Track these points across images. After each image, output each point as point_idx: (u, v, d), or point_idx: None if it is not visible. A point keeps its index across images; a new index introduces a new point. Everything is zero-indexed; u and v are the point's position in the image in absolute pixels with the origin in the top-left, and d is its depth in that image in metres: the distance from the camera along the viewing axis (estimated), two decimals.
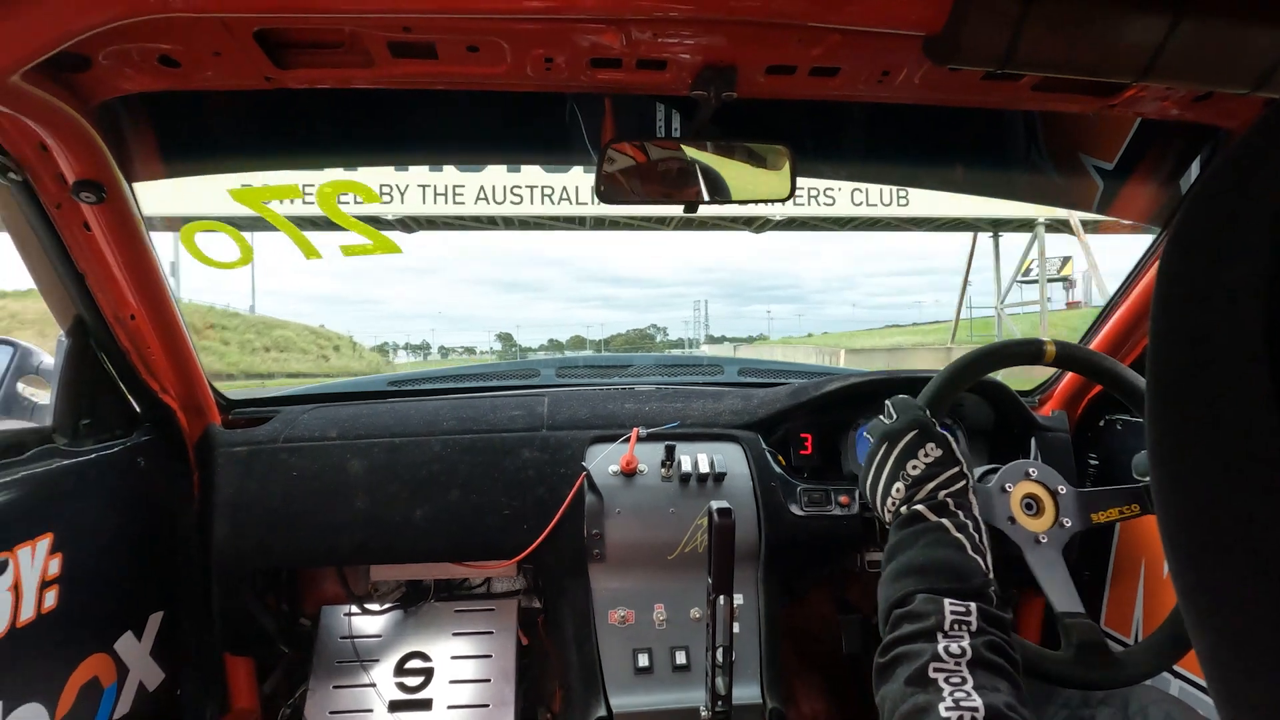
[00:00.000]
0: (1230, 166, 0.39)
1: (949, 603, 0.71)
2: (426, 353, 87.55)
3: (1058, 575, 1.02)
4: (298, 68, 1.00)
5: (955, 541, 0.77)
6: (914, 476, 0.83)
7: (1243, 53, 0.85)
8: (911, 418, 0.89)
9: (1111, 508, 1.07)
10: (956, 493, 0.82)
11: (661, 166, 1.23)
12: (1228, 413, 0.37)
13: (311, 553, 1.46)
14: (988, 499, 1.05)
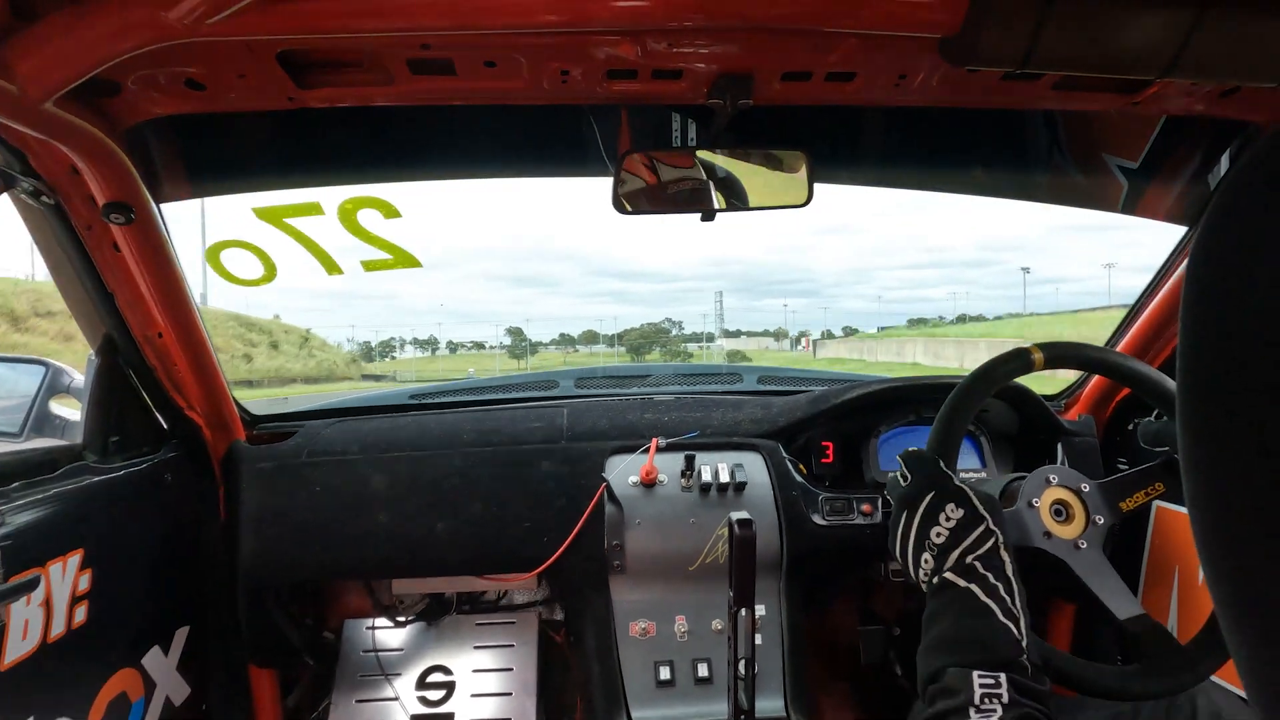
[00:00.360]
0: (1262, 162, 0.38)
1: (977, 675, 0.69)
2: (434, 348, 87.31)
3: (1109, 579, 1.00)
4: (319, 87, 1.02)
5: (984, 608, 0.75)
6: (939, 545, 0.82)
7: (1270, 45, 0.84)
8: (925, 477, 0.87)
9: (1137, 492, 1.05)
10: (985, 553, 0.80)
11: (679, 175, 1.24)
12: (1264, 412, 0.36)
13: (336, 566, 1.47)
14: (1019, 520, 1.02)
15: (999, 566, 0.79)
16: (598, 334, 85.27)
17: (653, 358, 71.65)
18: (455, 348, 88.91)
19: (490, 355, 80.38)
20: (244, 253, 1.24)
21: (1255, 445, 0.36)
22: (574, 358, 79.37)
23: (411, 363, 78.67)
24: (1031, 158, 1.51)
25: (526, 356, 76.79)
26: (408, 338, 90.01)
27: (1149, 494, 1.05)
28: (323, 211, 1.19)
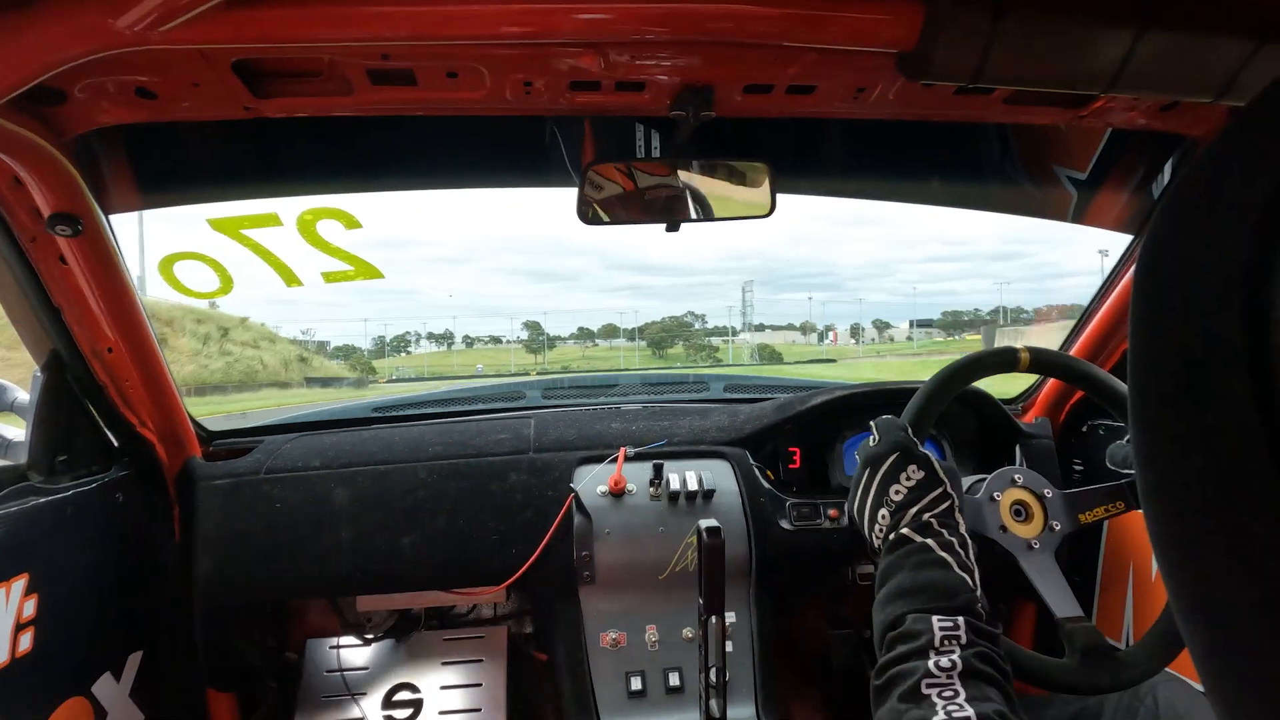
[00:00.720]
0: (1199, 175, 0.40)
1: (937, 619, 0.72)
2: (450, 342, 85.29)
3: (1053, 580, 1.03)
4: (276, 97, 1.00)
5: (940, 560, 0.78)
6: (897, 502, 0.85)
7: (1205, 63, 0.88)
8: (893, 440, 0.90)
9: (1097, 507, 1.08)
10: (941, 513, 0.83)
11: (642, 186, 1.24)
12: (1211, 414, 0.37)
13: (297, 585, 1.44)
14: (978, 510, 1.05)
15: (953, 525, 0.82)
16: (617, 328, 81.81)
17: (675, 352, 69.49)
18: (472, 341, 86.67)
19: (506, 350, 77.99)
20: (199, 265, 1.21)
21: (1202, 443, 0.38)
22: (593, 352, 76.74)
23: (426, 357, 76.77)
24: (986, 169, 1.56)
25: (544, 350, 74.61)
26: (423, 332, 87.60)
27: (1109, 510, 1.09)
28: (281, 223, 1.17)
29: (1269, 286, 0.35)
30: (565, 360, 72.17)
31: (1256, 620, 0.36)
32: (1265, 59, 0.86)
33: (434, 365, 70.18)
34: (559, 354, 76.93)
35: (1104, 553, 1.62)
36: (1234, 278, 0.36)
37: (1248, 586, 0.36)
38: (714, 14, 0.84)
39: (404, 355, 78.88)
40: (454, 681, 1.71)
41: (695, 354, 70.52)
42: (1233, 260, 0.36)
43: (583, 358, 73.71)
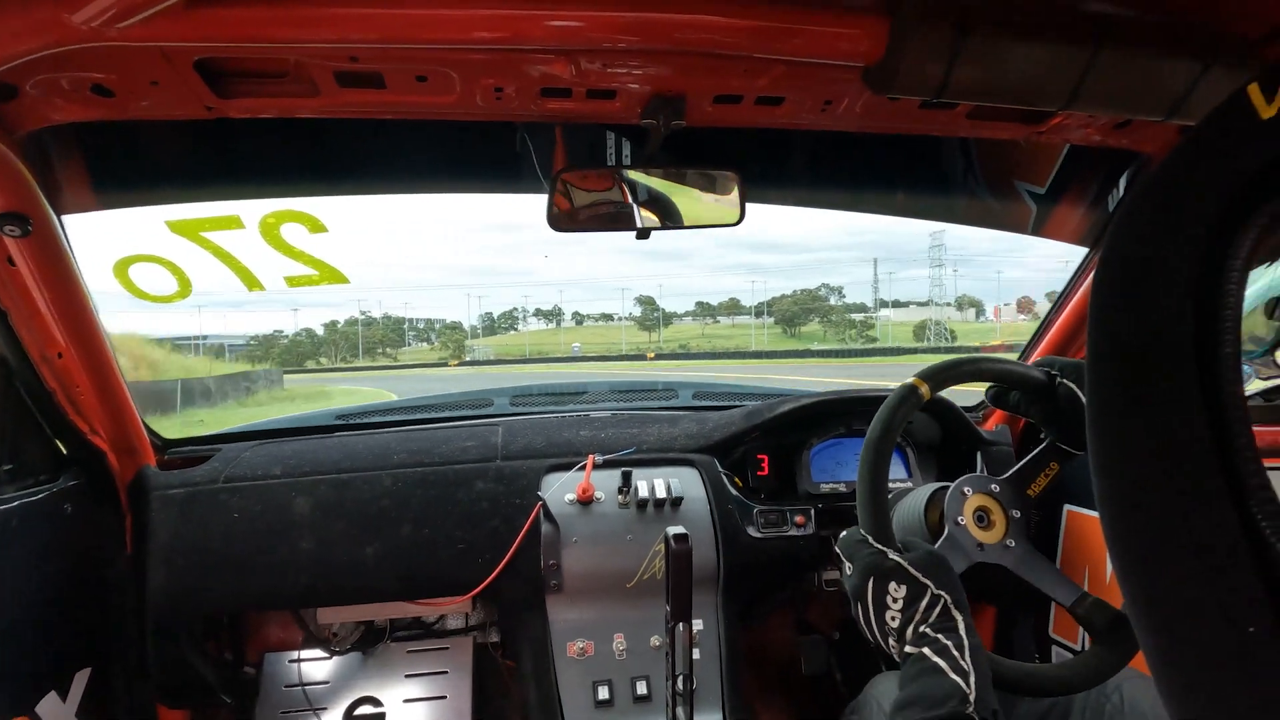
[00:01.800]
0: (1152, 191, 0.41)
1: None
2: (558, 319, 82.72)
3: (1044, 569, 1.05)
4: (240, 97, 0.98)
5: (934, 667, 0.79)
6: (895, 627, 0.85)
7: (1156, 83, 0.91)
8: (863, 565, 0.90)
9: (1038, 476, 1.10)
10: (935, 617, 0.83)
11: (613, 194, 1.24)
12: (1164, 422, 0.38)
13: (255, 597, 1.40)
14: (954, 545, 1.05)
15: (950, 626, 0.83)
16: (739, 303, 76.85)
17: (810, 330, 63.67)
18: (581, 319, 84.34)
19: (617, 328, 74.80)
20: (156, 268, 1.17)
21: (1153, 448, 0.39)
22: (714, 329, 71.44)
23: (532, 335, 74.49)
24: (949, 182, 1.59)
25: (659, 328, 71.29)
26: (530, 309, 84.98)
27: (1048, 475, 1.11)
28: (243, 225, 1.14)
29: (1219, 299, 0.37)
30: (683, 338, 67.24)
31: (1212, 624, 0.37)
32: (1213, 81, 0.90)
33: (542, 343, 66.98)
34: (675, 331, 72.36)
35: (1060, 557, 1.66)
36: (1186, 290, 0.37)
37: (1202, 591, 0.38)
38: (685, 24, 0.85)
39: (511, 333, 76.06)
40: (418, 694, 1.68)
41: (837, 331, 63.41)
42: (1184, 274, 0.37)
43: (702, 335, 68.40)
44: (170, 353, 33.92)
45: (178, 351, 53.54)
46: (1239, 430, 0.36)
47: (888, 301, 75.16)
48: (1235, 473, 0.36)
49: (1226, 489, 0.36)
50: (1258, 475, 0.35)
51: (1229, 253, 0.36)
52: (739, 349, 55.44)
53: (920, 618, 0.83)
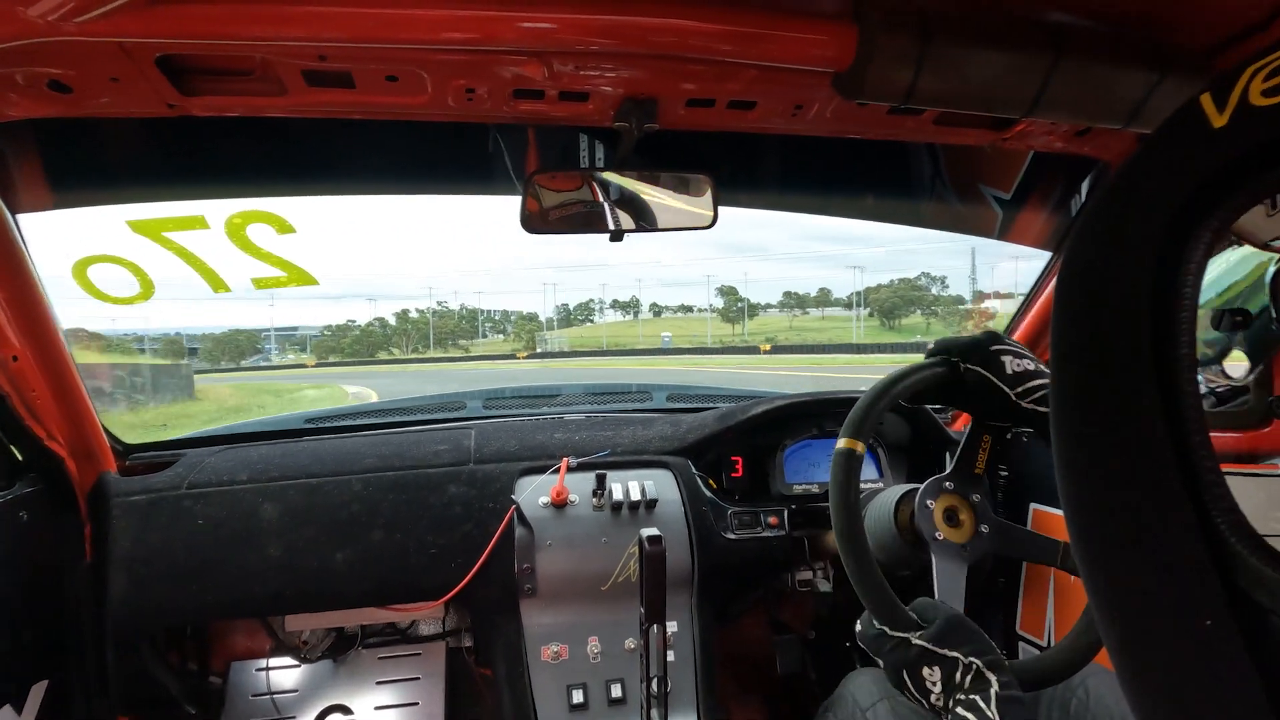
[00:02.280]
0: (1110, 198, 0.42)
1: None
2: (635, 310, 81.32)
3: (1023, 538, 1.11)
4: (204, 95, 0.96)
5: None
6: (941, 705, 0.88)
7: (1113, 91, 0.94)
8: (893, 663, 0.91)
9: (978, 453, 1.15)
10: (970, 685, 0.85)
11: (587, 196, 1.24)
12: (1125, 424, 0.39)
13: (221, 606, 1.37)
14: (949, 559, 1.07)
15: (984, 687, 0.85)
16: (830, 294, 73.21)
17: (912, 322, 60.48)
18: (659, 310, 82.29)
19: (700, 319, 71.87)
20: (117, 268, 1.15)
21: (1113, 447, 0.40)
22: (803, 321, 68.42)
23: (609, 327, 72.85)
24: (918, 187, 1.62)
25: (743, 320, 68.61)
26: (608, 300, 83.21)
27: (984, 449, 1.15)
28: (208, 225, 1.12)
29: (1175, 302, 0.38)
30: (769, 330, 64.22)
31: (1169, 618, 0.39)
32: (1168, 90, 0.93)
33: (618, 335, 64.84)
34: (761, 324, 69.19)
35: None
36: (1143, 294, 0.38)
37: (1161, 586, 0.39)
38: (657, 27, 0.86)
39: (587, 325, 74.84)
40: (389, 701, 1.66)
41: (945, 323, 60.05)
42: (1142, 278, 0.39)
43: (790, 328, 65.65)
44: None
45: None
46: (1195, 430, 0.37)
47: (988, 292, 71.21)
48: (1192, 471, 0.37)
49: (1183, 487, 0.37)
50: (1213, 473, 0.36)
51: (1183, 257, 0.38)
52: (830, 341, 53.61)
53: (955, 690, 0.86)
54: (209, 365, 56.20)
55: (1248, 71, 0.36)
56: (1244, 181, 0.36)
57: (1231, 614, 0.35)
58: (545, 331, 76.01)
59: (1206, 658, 0.37)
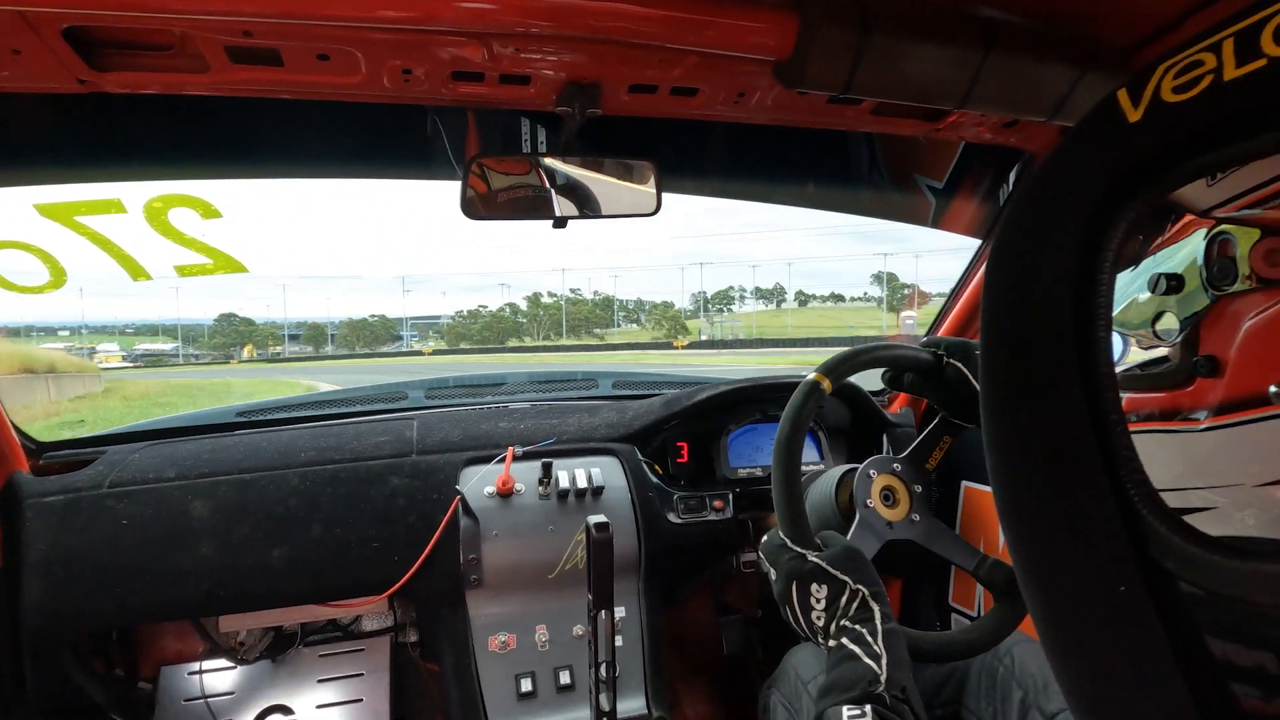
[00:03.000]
0: (1034, 187, 0.44)
1: (846, 710, 0.77)
2: (780, 299, 78.75)
3: (947, 538, 1.12)
4: (118, 70, 0.90)
5: (851, 654, 0.84)
6: (820, 625, 0.90)
7: (1039, 86, 0.98)
8: (785, 571, 0.94)
9: (934, 450, 1.18)
10: (855, 612, 0.88)
11: (529, 181, 1.22)
12: (1048, 403, 0.42)
13: (149, 609, 1.30)
14: (867, 528, 1.10)
15: (867, 616, 0.88)
16: None
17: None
18: (805, 300, 79.53)
19: (852, 309, 69.22)
20: (22, 255, 1.07)
21: (1037, 424, 0.42)
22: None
23: (753, 316, 69.81)
24: (857, 175, 1.66)
25: (903, 309, 65.88)
26: (749, 288, 79.76)
27: (942, 448, 1.19)
28: (125, 209, 1.06)
29: (1093, 286, 0.40)
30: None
31: (1086, 585, 0.41)
32: (1089, 85, 0.97)
33: (762, 325, 62.43)
34: (926, 315, 67.92)
35: (958, 529, 1.77)
36: (1065, 279, 0.40)
37: (1080, 555, 0.41)
38: (599, 11, 0.85)
39: (727, 313, 71.87)
40: (332, 699, 1.63)
41: None
42: (1063, 264, 0.40)
43: None
44: None
45: None
46: (1111, 407, 0.39)
47: None
48: (1108, 445, 0.39)
49: (1101, 460, 0.39)
50: (1128, 449, 0.39)
51: (1102, 244, 0.40)
52: None
53: (841, 613, 0.88)
54: (346, 351, 54.52)
55: (1160, 69, 0.38)
56: (1158, 173, 0.38)
57: (1143, 580, 0.38)
58: (689, 319, 73.90)
59: (1120, 621, 0.39)
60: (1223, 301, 0.88)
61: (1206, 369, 0.88)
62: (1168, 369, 0.93)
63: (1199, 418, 0.88)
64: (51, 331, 58.88)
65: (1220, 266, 0.87)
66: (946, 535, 1.12)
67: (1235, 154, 0.36)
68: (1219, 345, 0.88)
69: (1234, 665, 0.43)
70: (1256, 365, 0.83)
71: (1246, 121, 0.35)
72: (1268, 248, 0.83)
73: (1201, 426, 0.88)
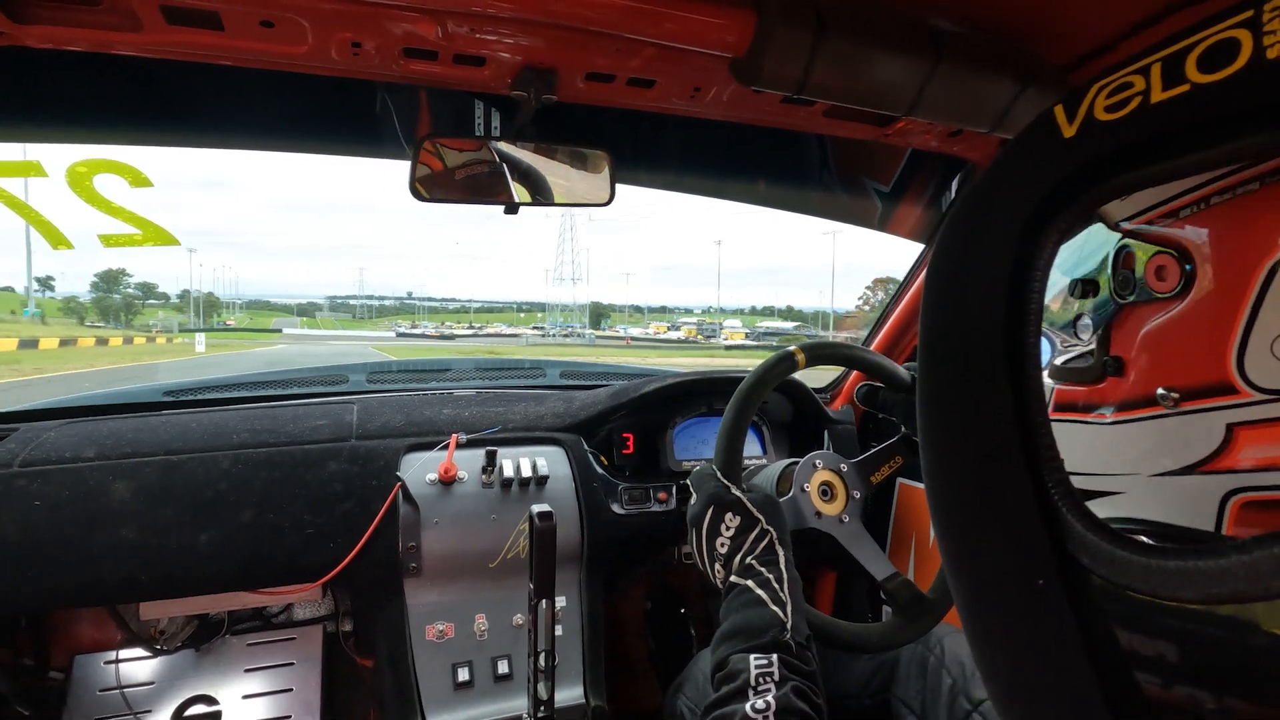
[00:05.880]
0: (974, 197, 0.46)
1: (754, 658, 0.77)
2: None
3: (868, 546, 1.15)
4: (40, 24, 0.85)
5: (757, 599, 0.83)
6: (724, 554, 0.90)
7: (983, 98, 1.01)
8: (706, 494, 0.95)
9: (883, 465, 1.21)
10: (761, 551, 0.88)
11: (480, 165, 1.20)
12: (976, 401, 0.43)
13: (62, 593, 1.23)
14: (795, 506, 1.13)
15: (773, 560, 0.88)
16: None
17: None
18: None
19: None
20: None
21: (968, 425, 0.44)
22: None
23: None
24: (806, 176, 1.68)
25: None
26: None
27: (891, 466, 1.22)
28: (45, 173, 1.00)
29: (1025, 294, 0.42)
30: None
31: (1009, 578, 0.43)
32: (1029, 100, 1.01)
33: None
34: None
35: (892, 524, 1.83)
36: (999, 285, 0.42)
37: (1003, 550, 0.43)
38: None
39: None
40: (259, 689, 1.58)
41: None
42: (998, 271, 0.42)
43: None
44: None
45: None
46: (1036, 410, 0.41)
47: None
48: (1033, 445, 0.41)
49: (1024, 460, 0.41)
50: (1050, 449, 0.41)
51: (1034, 254, 0.41)
52: None
53: (748, 549, 0.89)
54: None
55: (1094, 88, 0.39)
56: (1088, 187, 0.40)
57: (1059, 574, 0.40)
58: None
59: (1038, 612, 0.41)
60: (1125, 308, 0.95)
61: (1114, 368, 0.95)
62: (1086, 366, 0.99)
63: (1105, 412, 0.95)
64: None
65: (1123, 278, 0.94)
66: (868, 545, 1.15)
67: (1158, 173, 0.38)
68: (1123, 347, 0.95)
69: (1138, 654, 0.45)
70: (1149, 369, 0.90)
71: (1169, 143, 0.37)
72: (1158, 264, 0.89)
73: (1108, 420, 0.94)
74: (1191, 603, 0.37)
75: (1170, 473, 0.86)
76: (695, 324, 68.27)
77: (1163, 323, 0.89)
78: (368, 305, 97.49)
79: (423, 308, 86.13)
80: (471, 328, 66.06)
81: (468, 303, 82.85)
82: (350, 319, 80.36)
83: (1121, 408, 0.93)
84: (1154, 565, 0.35)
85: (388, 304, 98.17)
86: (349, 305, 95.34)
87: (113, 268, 66.69)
